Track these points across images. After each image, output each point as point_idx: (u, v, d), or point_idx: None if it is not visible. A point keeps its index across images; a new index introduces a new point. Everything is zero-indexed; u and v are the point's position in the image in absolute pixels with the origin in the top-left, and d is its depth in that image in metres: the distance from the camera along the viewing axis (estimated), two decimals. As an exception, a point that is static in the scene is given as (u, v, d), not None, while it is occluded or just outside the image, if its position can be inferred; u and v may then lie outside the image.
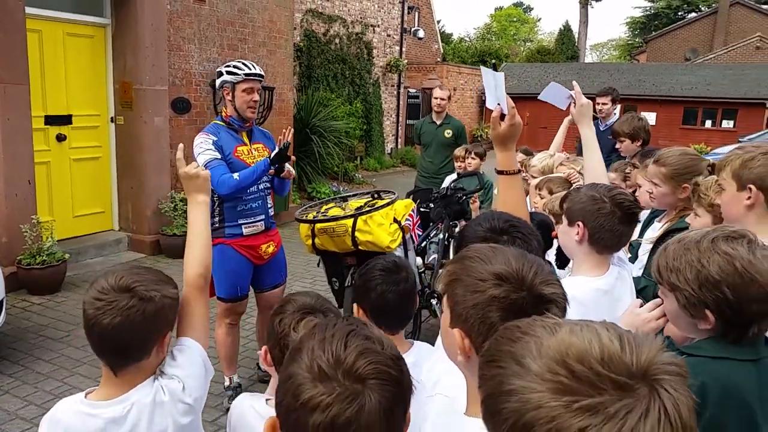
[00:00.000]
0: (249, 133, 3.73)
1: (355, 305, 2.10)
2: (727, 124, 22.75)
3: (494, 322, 1.09)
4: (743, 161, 1.92)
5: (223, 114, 3.69)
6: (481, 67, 2.11)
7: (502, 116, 1.88)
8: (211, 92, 8.34)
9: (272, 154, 3.55)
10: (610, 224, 1.87)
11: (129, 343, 1.44)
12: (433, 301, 4.59)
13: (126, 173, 7.20)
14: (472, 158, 5.45)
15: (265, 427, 0.93)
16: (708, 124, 23.16)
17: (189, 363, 1.59)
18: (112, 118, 7.16)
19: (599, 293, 1.91)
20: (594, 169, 2.41)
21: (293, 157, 3.76)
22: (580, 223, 1.91)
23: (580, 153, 5.44)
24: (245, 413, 1.68)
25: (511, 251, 1.20)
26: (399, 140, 17.09)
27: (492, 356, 0.75)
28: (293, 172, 3.78)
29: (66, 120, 6.64)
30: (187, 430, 1.56)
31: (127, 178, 7.20)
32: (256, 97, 3.63)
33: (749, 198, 1.91)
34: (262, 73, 3.71)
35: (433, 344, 1.86)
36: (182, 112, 7.88)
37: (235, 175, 3.46)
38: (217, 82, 3.64)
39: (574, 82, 2.52)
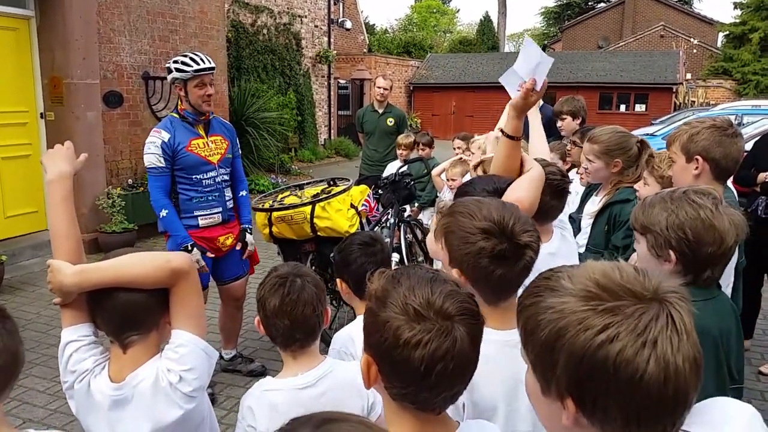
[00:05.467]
0: (206, 125, 3.70)
1: (338, 279, 2.23)
2: (639, 108, 24.15)
3: (484, 266, 1.37)
4: (690, 135, 2.18)
5: (179, 107, 3.65)
6: (527, 37, 2.16)
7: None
8: (143, 85, 8.17)
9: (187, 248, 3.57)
10: (541, 200, 1.99)
11: None
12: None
13: (59, 171, 6.93)
14: (421, 149, 5.68)
15: (362, 363, 1.05)
16: (622, 108, 24.48)
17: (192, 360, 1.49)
18: (41, 113, 6.88)
19: (549, 257, 2.08)
20: (535, 146, 2.62)
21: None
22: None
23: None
24: (260, 396, 1.73)
25: (494, 204, 1.43)
26: (332, 131, 17.13)
27: (530, 292, 0.90)
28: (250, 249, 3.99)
29: (-8, 117, 6.35)
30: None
31: (60, 175, 6.93)
32: (210, 90, 3.59)
33: (696, 168, 2.17)
34: (213, 65, 3.63)
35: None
36: (115, 106, 7.67)
37: (164, 212, 3.53)
38: (168, 78, 3.58)
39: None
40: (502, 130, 2.04)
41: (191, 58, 3.55)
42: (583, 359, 0.78)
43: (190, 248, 3.53)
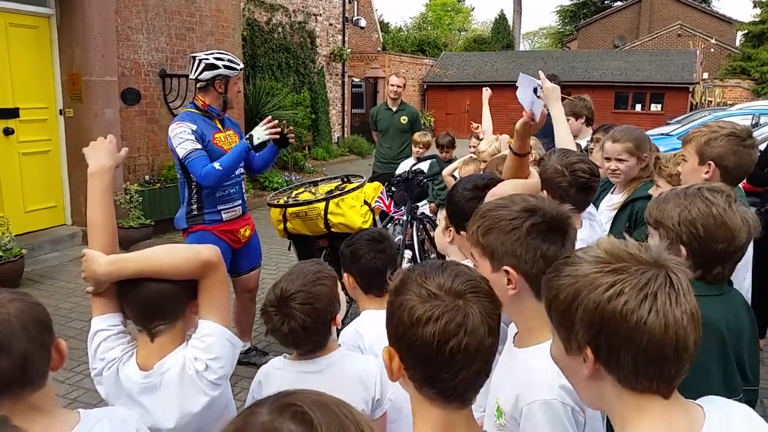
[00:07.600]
0: (222, 120, 3.83)
1: (345, 274, 2.28)
2: (655, 107, 23.92)
3: (538, 246, 1.33)
4: (708, 139, 2.21)
5: (200, 103, 3.71)
6: (521, 74, 2.18)
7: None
8: (160, 82, 8.26)
9: (249, 137, 3.70)
10: (566, 195, 2.14)
11: None
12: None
13: (77, 166, 7.05)
14: (446, 151, 5.77)
15: (384, 356, 1.09)
16: (638, 107, 24.28)
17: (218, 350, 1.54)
18: (61, 110, 7.00)
19: (581, 243, 2.16)
20: (561, 138, 2.79)
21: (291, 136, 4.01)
22: (545, 191, 2.13)
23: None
24: (269, 373, 1.86)
25: (519, 196, 1.46)
26: (345, 129, 17.19)
27: (552, 270, 1.04)
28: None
29: (13, 113, 6.46)
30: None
31: (78, 171, 7.04)
32: (241, 87, 3.82)
33: (707, 172, 2.21)
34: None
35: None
36: (132, 103, 7.78)
37: (217, 165, 3.50)
38: (207, 73, 3.63)
39: (540, 72, 2.76)
40: (510, 147, 2.09)
41: (232, 59, 3.74)
42: (595, 313, 0.93)
43: (252, 136, 3.69)
